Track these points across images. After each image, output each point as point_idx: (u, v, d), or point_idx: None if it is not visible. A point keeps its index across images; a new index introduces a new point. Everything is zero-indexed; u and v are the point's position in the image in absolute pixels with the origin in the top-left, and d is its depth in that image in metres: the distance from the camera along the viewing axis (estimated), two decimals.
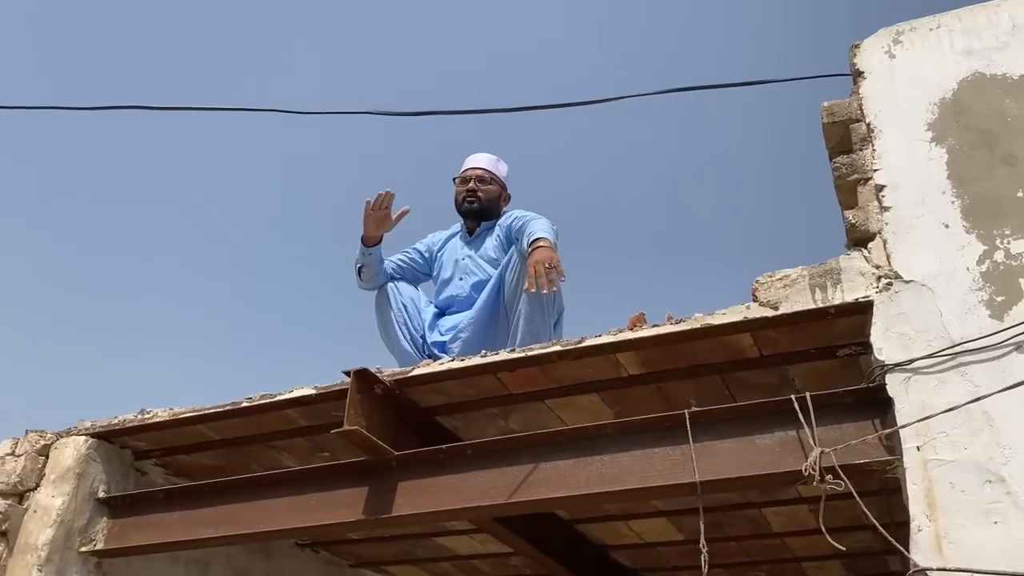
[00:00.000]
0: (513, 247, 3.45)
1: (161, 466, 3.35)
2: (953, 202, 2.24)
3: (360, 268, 3.70)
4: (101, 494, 3.10)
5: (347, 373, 2.66)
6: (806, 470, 2.12)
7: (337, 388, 2.78)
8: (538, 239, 3.24)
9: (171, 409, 3.16)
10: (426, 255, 3.87)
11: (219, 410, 3.00)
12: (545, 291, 3.11)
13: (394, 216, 3.62)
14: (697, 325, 2.42)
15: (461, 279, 3.67)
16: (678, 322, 2.47)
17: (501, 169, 3.86)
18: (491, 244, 3.68)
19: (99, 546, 3.02)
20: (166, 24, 10.53)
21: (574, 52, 10.26)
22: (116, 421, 3.17)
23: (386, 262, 3.82)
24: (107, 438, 3.18)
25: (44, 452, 3.15)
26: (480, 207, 3.75)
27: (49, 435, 3.20)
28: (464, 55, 10.51)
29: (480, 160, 3.85)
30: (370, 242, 3.65)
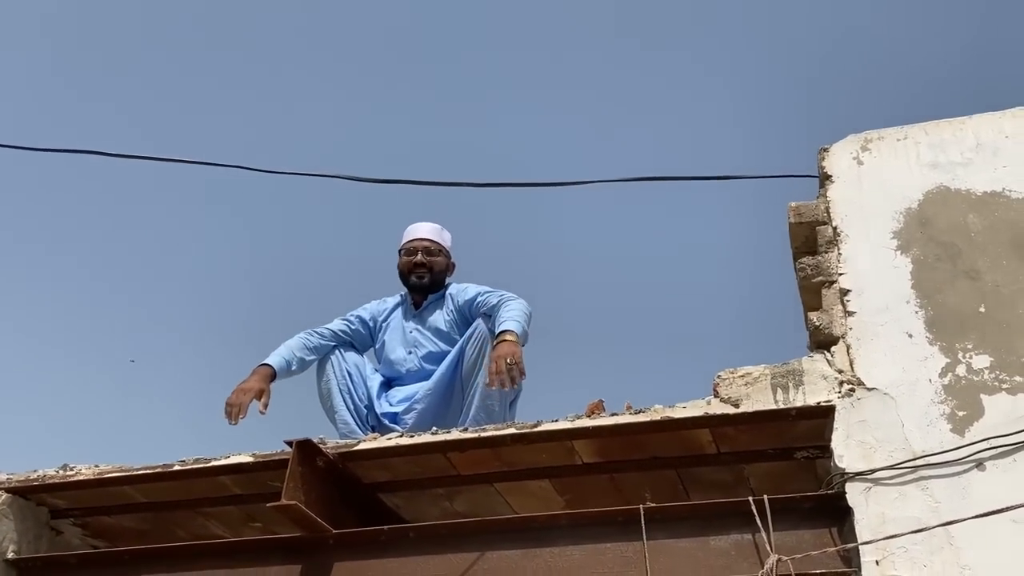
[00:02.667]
0: (478, 320, 3.37)
1: (80, 526, 3.13)
2: (917, 312, 2.26)
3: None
4: (10, 554, 2.87)
5: (289, 443, 2.54)
6: None
7: (276, 457, 2.65)
8: (505, 332, 3.18)
9: (96, 466, 2.97)
10: (370, 323, 3.73)
11: (148, 472, 2.83)
12: (506, 388, 3.08)
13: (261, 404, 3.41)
14: (657, 417, 2.37)
15: (411, 352, 3.56)
16: (637, 412, 2.43)
17: (446, 239, 3.76)
18: (440, 318, 3.58)
19: None
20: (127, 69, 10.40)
21: (547, 137, 10.37)
22: (35, 476, 2.96)
23: (324, 329, 3.66)
24: (23, 494, 2.97)
25: None
26: (430, 281, 3.63)
27: None
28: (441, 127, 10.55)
29: (425, 230, 3.73)
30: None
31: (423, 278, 3.61)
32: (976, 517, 1.88)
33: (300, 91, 10.63)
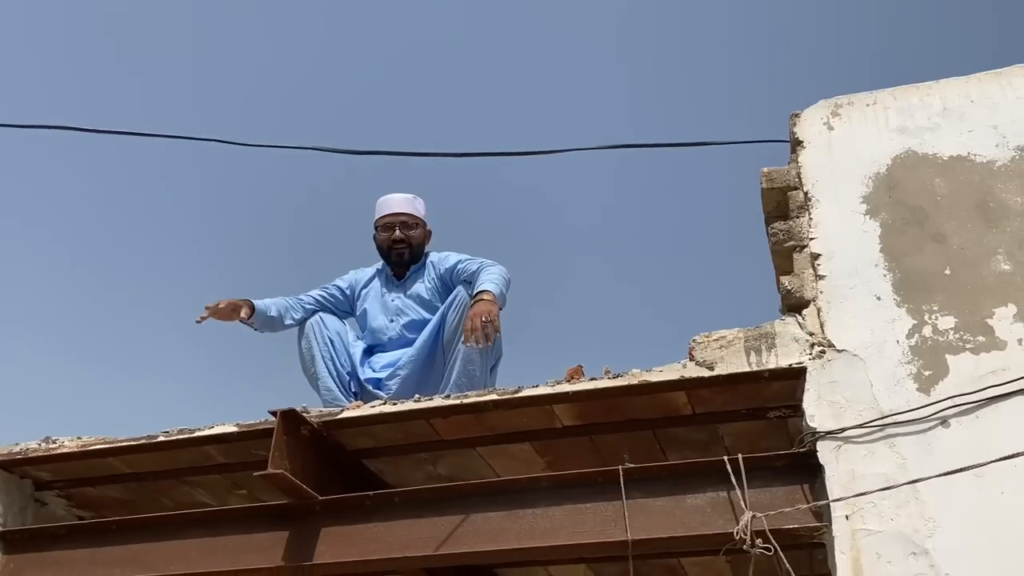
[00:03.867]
0: (459, 287, 3.42)
1: (64, 498, 3.17)
2: (885, 275, 2.32)
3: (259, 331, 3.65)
4: None
5: (273, 413, 2.58)
6: (737, 534, 2.14)
7: (260, 427, 2.69)
8: (482, 292, 3.23)
9: (79, 438, 3.00)
10: (347, 292, 3.76)
11: (133, 443, 2.86)
12: (479, 345, 3.11)
13: (223, 305, 3.49)
14: (635, 381, 2.43)
15: (392, 320, 3.59)
16: (615, 376, 2.48)
17: (419, 207, 3.77)
18: (422, 287, 3.61)
19: None
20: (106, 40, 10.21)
21: (523, 106, 10.36)
22: (18, 450, 2.98)
23: (304, 297, 3.70)
24: (7, 467, 2.99)
25: None
26: (411, 255, 3.67)
27: None
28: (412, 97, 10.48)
29: (398, 203, 3.74)
30: (244, 319, 3.56)
31: (403, 254, 3.65)
32: (943, 475, 1.96)
33: (275, 63, 10.54)
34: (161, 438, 2.82)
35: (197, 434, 2.79)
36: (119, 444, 2.87)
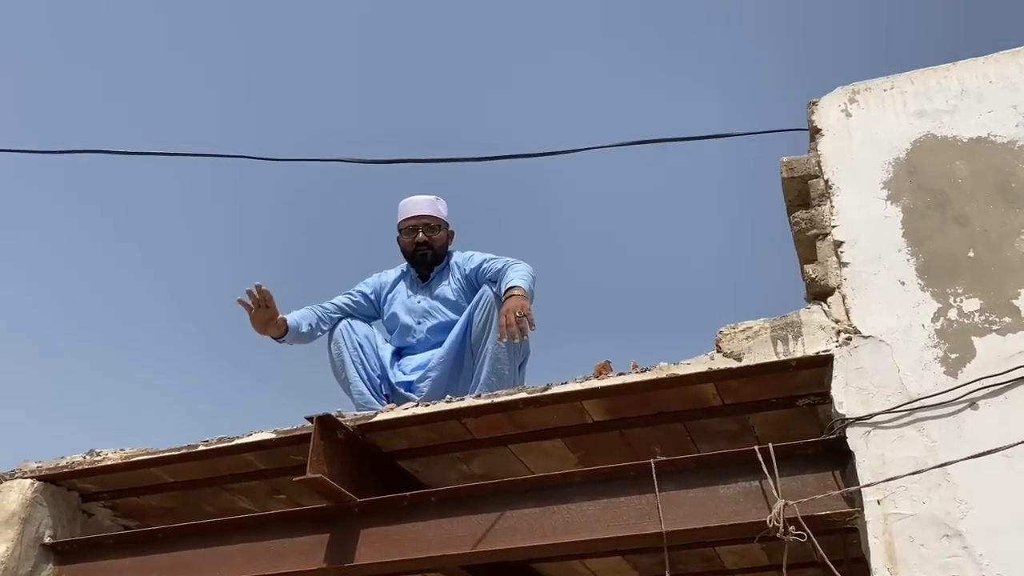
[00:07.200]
0: (484, 287, 3.46)
1: (110, 508, 3.25)
2: (908, 260, 2.33)
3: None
4: (47, 539, 2.99)
5: (310, 419, 2.63)
6: (770, 522, 2.17)
7: (298, 433, 2.75)
8: (513, 287, 3.28)
9: (122, 450, 3.08)
10: (371, 297, 3.80)
11: (174, 453, 2.93)
12: (517, 340, 3.15)
13: (266, 313, 3.51)
14: (663, 375, 2.46)
15: (419, 322, 3.64)
16: (643, 371, 2.51)
17: (442, 209, 3.81)
18: (448, 288, 3.66)
19: None
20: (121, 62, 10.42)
21: (546, 109, 10.42)
22: (64, 463, 3.07)
23: (328, 305, 3.75)
24: (54, 480, 3.08)
25: None
26: (433, 257, 3.72)
27: None
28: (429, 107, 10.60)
29: (421, 206, 3.78)
30: (276, 336, 3.61)
31: (426, 255, 3.71)
32: (972, 457, 1.97)
33: (301, 81, 10.67)
34: (201, 447, 2.89)
35: (236, 442, 2.85)
36: (161, 455, 2.94)
